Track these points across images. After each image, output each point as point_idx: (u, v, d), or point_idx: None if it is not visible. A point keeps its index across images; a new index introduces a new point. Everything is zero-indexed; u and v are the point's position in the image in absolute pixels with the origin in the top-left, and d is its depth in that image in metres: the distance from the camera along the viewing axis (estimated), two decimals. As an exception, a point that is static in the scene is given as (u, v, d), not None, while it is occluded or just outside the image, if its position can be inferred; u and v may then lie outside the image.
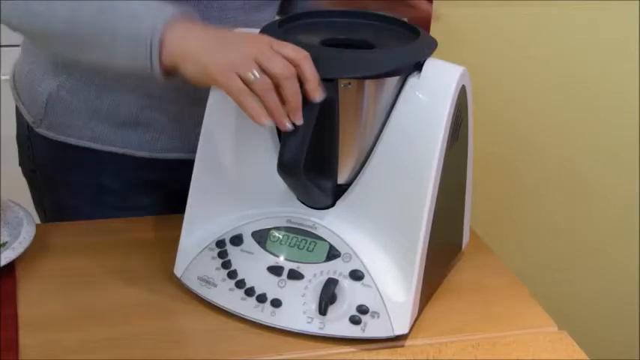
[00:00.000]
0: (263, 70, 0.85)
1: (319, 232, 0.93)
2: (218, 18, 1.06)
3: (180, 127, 1.13)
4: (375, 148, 0.93)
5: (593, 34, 1.65)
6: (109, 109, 1.12)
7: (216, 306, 0.94)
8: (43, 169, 1.20)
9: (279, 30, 0.94)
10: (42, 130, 1.15)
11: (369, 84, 0.91)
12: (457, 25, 1.58)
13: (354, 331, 0.90)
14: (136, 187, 1.17)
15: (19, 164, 1.24)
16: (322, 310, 0.90)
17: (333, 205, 0.95)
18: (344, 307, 0.90)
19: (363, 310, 0.90)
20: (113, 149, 1.14)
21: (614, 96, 1.70)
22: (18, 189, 1.23)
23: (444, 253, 1.01)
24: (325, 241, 0.93)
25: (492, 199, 1.70)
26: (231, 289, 0.93)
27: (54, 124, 1.14)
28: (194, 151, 1.13)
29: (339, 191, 0.95)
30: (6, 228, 1.02)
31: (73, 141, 1.14)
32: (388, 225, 0.92)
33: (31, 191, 1.25)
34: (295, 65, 0.85)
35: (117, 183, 1.16)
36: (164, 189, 1.18)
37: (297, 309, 0.91)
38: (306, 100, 0.85)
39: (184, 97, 1.11)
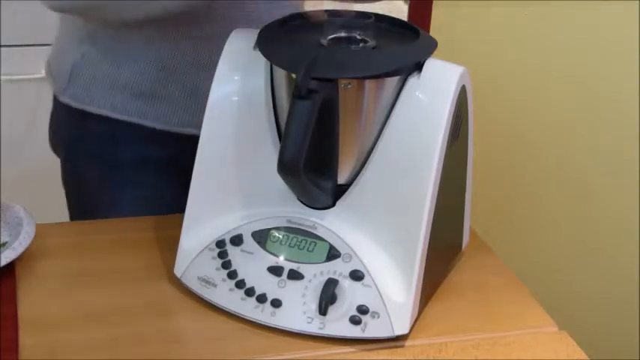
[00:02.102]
0: None
1: (319, 232, 0.93)
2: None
3: (195, 101, 1.17)
4: (375, 148, 0.93)
5: (593, 34, 1.65)
6: (128, 79, 1.16)
7: (216, 306, 0.94)
8: (65, 140, 1.25)
9: (280, 30, 0.94)
10: (65, 99, 1.20)
11: (369, 84, 0.91)
12: (457, 25, 1.58)
13: (354, 332, 0.90)
14: (148, 162, 1.20)
15: (49, 141, 1.29)
16: (322, 310, 0.90)
17: (333, 205, 0.95)
18: (344, 307, 0.90)
19: (363, 310, 0.90)
20: (130, 119, 1.18)
21: (614, 96, 1.70)
22: (18, 189, 1.23)
23: (444, 253, 1.00)
24: (325, 241, 0.93)
25: (492, 199, 1.70)
26: (231, 290, 0.93)
27: (76, 93, 1.19)
28: None
29: (339, 191, 0.95)
30: (6, 228, 1.02)
31: (92, 109, 1.18)
32: (388, 225, 0.92)
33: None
34: None
35: (132, 155, 1.20)
36: (176, 166, 1.20)
37: (297, 309, 0.91)
38: (305, 99, 0.85)
39: (200, 72, 1.15)
